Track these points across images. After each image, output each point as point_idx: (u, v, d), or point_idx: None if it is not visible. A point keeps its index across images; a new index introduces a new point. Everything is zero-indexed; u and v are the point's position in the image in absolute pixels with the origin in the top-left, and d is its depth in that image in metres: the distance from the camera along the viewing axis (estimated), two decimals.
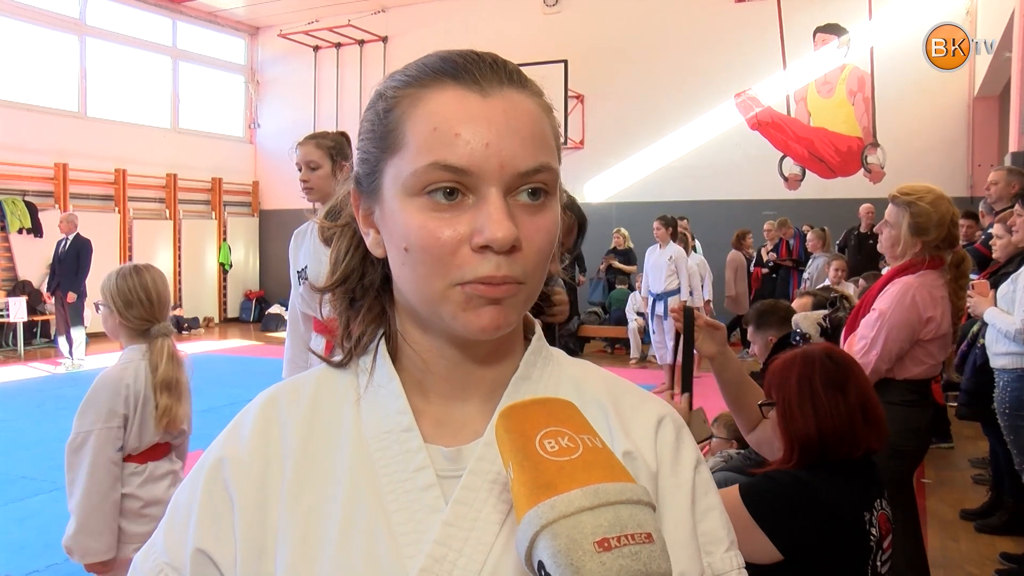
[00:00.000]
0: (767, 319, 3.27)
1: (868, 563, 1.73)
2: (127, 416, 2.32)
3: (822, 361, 1.82)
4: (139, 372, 2.36)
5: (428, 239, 0.64)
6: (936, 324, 2.74)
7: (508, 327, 0.68)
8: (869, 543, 1.73)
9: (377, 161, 0.70)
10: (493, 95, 0.66)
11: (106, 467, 2.28)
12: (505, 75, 0.68)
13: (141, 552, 0.76)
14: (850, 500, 1.73)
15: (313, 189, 2.99)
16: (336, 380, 0.77)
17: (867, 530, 1.73)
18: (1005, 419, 3.60)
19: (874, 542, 1.74)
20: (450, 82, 0.66)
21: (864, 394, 1.80)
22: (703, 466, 0.78)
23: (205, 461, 0.74)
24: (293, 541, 0.69)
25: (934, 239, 2.75)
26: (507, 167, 0.64)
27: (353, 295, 0.78)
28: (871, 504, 1.76)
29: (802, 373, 1.81)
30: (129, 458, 2.37)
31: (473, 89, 0.66)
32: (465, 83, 0.66)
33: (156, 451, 2.43)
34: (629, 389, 0.81)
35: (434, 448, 0.71)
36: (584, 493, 0.53)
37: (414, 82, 0.68)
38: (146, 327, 2.40)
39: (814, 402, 1.76)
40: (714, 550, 0.76)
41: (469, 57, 0.68)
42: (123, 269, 2.43)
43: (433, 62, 0.69)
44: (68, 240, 9.31)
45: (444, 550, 0.66)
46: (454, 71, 0.67)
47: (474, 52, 0.69)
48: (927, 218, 2.74)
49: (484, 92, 0.66)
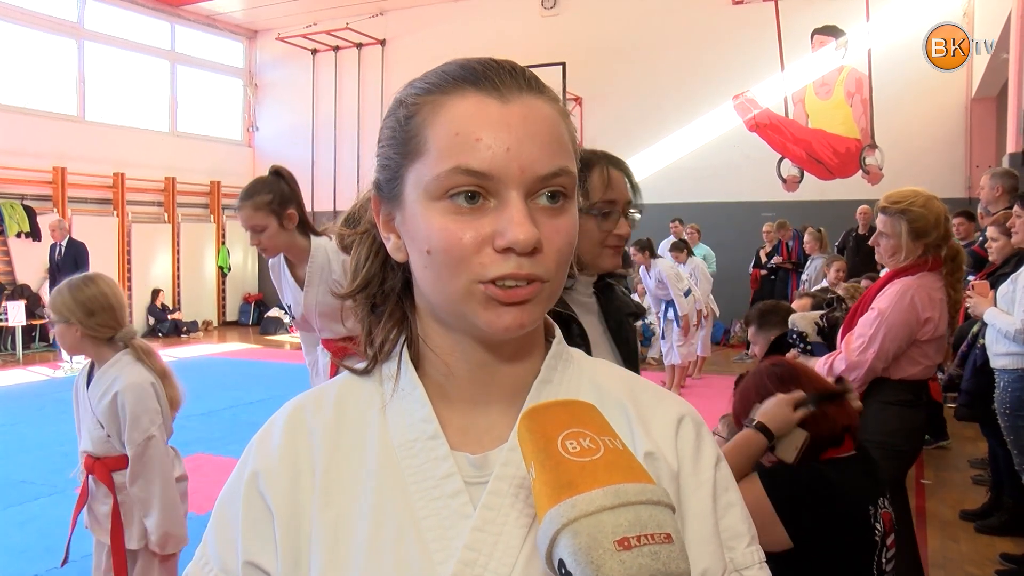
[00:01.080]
0: (769, 319, 3.27)
1: (873, 559, 1.75)
2: (163, 411, 2.48)
3: (769, 370, 1.92)
4: (144, 371, 2.46)
5: (450, 241, 0.66)
6: (934, 325, 2.76)
7: (532, 325, 0.69)
8: (875, 539, 1.75)
9: (398, 167, 0.71)
10: (513, 101, 0.67)
11: (169, 462, 2.47)
12: (524, 81, 0.69)
13: (193, 565, 0.77)
14: (860, 494, 1.76)
15: (267, 249, 2.91)
16: (360, 388, 0.78)
17: (872, 525, 1.75)
18: (1005, 419, 3.61)
19: (879, 538, 1.76)
20: (471, 89, 0.68)
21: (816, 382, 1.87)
22: (723, 463, 0.79)
23: (242, 474, 0.76)
24: (324, 549, 0.70)
25: (935, 240, 2.77)
26: (527, 171, 0.66)
27: (374, 301, 0.79)
28: (876, 500, 1.79)
29: (757, 385, 1.89)
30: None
31: (493, 95, 0.67)
32: (485, 89, 0.67)
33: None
34: (647, 388, 0.82)
35: (460, 455, 0.72)
36: (605, 493, 0.54)
37: (435, 89, 0.69)
38: (111, 334, 2.45)
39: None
40: (736, 545, 0.77)
41: (488, 64, 0.70)
42: (73, 281, 2.45)
43: (453, 69, 0.70)
44: (62, 246, 9.31)
45: (474, 555, 0.67)
46: (474, 78, 0.68)
47: (493, 59, 0.71)
48: (924, 221, 2.75)
49: (504, 98, 0.67)
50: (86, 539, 2.64)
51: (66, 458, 5.65)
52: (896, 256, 2.82)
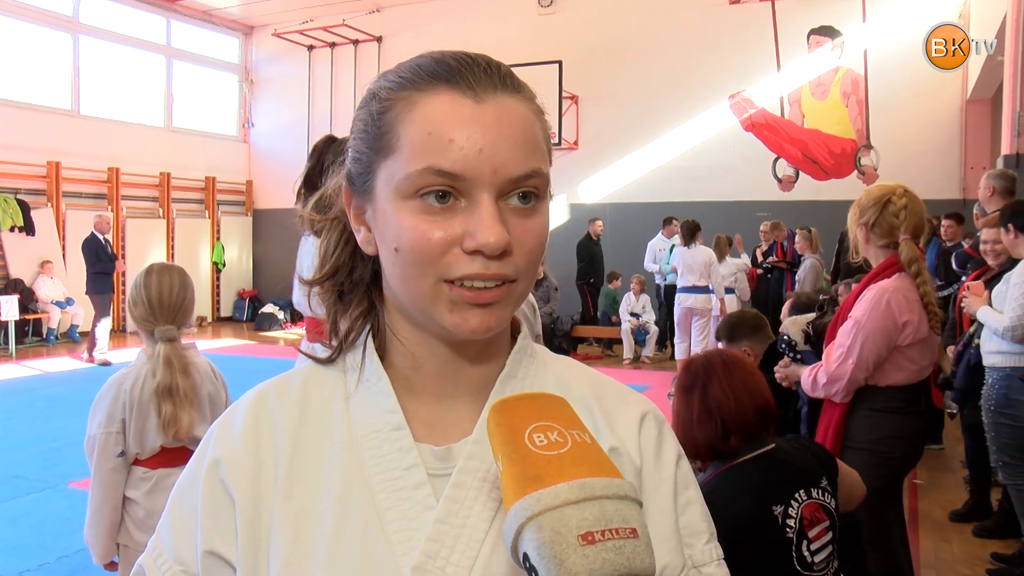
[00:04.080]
0: (738, 331, 3.32)
1: (792, 555, 1.79)
2: (124, 420, 2.28)
3: (679, 376, 1.99)
4: (140, 376, 2.31)
5: (419, 240, 0.65)
6: (913, 328, 2.66)
7: (499, 327, 0.69)
8: (787, 535, 1.78)
9: (370, 162, 0.70)
10: (487, 100, 0.66)
11: (107, 471, 2.26)
12: (499, 79, 0.68)
13: (146, 556, 0.76)
14: (758, 496, 1.81)
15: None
16: (324, 377, 0.77)
17: (781, 524, 1.79)
18: (989, 415, 3.63)
19: (793, 533, 1.79)
20: (444, 86, 0.67)
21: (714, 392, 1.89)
22: (684, 460, 0.80)
23: (201, 460, 0.74)
24: (286, 540, 0.69)
25: (868, 220, 2.72)
26: (500, 172, 0.65)
27: (342, 289, 0.78)
28: (787, 498, 1.82)
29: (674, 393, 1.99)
30: (138, 462, 2.33)
31: (467, 94, 0.66)
32: (459, 88, 0.66)
33: (168, 458, 2.35)
34: (612, 386, 0.82)
35: (424, 447, 0.72)
36: (570, 487, 0.54)
37: (408, 84, 0.68)
38: (150, 328, 2.35)
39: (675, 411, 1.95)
40: (694, 542, 0.78)
41: (463, 60, 0.68)
42: (143, 270, 2.41)
43: (427, 64, 0.69)
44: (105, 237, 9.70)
45: (437, 547, 0.67)
46: (448, 75, 0.67)
47: (467, 55, 0.70)
48: (863, 199, 2.76)
49: (478, 97, 0.66)
50: (79, 534, 2.61)
51: (59, 453, 5.64)
52: (854, 250, 2.83)
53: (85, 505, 2.32)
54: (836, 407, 2.74)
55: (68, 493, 4.77)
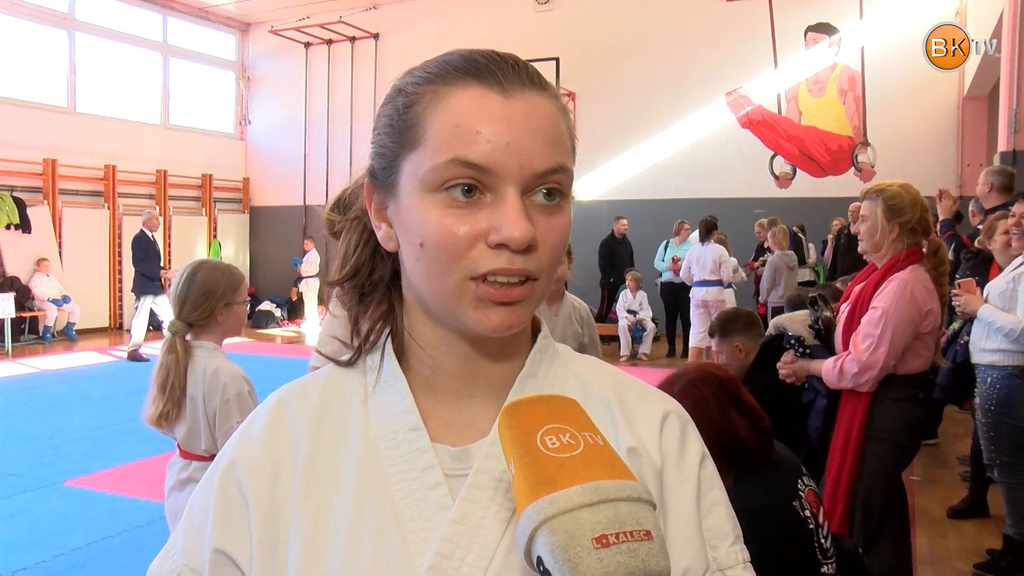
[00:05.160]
0: (730, 327, 3.32)
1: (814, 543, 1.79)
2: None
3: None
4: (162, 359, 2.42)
5: (445, 235, 0.65)
6: (934, 316, 2.82)
7: (521, 325, 0.69)
8: (808, 526, 1.78)
9: (395, 156, 0.70)
10: (515, 96, 0.67)
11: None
12: (526, 77, 0.69)
13: (159, 557, 0.76)
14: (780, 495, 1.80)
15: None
16: (343, 379, 0.78)
17: (802, 516, 1.78)
18: (989, 416, 3.59)
19: (812, 523, 1.79)
20: (472, 81, 0.67)
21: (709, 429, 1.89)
22: (708, 461, 0.78)
23: (219, 464, 0.75)
24: (303, 539, 0.70)
25: (909, 220, 2.80)
26: (526, 167, 0.65)
27: (363, 290, 0.79)
28: (795, 489, 1.82)
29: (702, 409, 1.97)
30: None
31: (495, 89, 0.66)
32: (487, 83, 0.67)
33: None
34: (634, 385, 0.81)
35: (441, 447, 0.72)
36: (584, 490, 0.54)
37: (436, 79, 0.68)
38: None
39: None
40: (719, 544, 0.76)
41: (491, 57, 0.69)
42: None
43: (455, 60, 0.69)
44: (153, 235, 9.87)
45: (452, 547, 0.67)
46: (477, 70, 0.67)
47: (496, 52, 0.70)
48: (900, 199, 2.81)
49: (506, 93, 0.66)
50: (75, 532, 2.60)
51: (55, 451, 5.63)
52: (872, 237, 2.86)
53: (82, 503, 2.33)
54: (861, 398, 2.81)
55: (65, 491, 4.76)
